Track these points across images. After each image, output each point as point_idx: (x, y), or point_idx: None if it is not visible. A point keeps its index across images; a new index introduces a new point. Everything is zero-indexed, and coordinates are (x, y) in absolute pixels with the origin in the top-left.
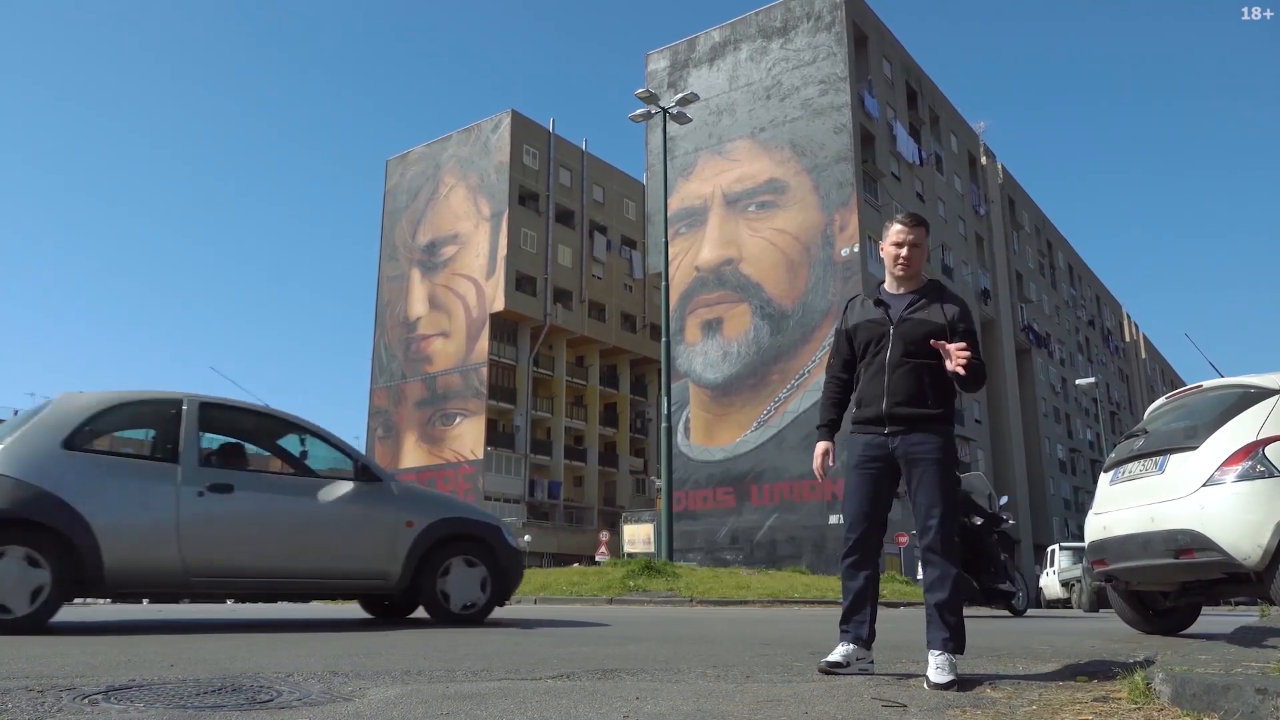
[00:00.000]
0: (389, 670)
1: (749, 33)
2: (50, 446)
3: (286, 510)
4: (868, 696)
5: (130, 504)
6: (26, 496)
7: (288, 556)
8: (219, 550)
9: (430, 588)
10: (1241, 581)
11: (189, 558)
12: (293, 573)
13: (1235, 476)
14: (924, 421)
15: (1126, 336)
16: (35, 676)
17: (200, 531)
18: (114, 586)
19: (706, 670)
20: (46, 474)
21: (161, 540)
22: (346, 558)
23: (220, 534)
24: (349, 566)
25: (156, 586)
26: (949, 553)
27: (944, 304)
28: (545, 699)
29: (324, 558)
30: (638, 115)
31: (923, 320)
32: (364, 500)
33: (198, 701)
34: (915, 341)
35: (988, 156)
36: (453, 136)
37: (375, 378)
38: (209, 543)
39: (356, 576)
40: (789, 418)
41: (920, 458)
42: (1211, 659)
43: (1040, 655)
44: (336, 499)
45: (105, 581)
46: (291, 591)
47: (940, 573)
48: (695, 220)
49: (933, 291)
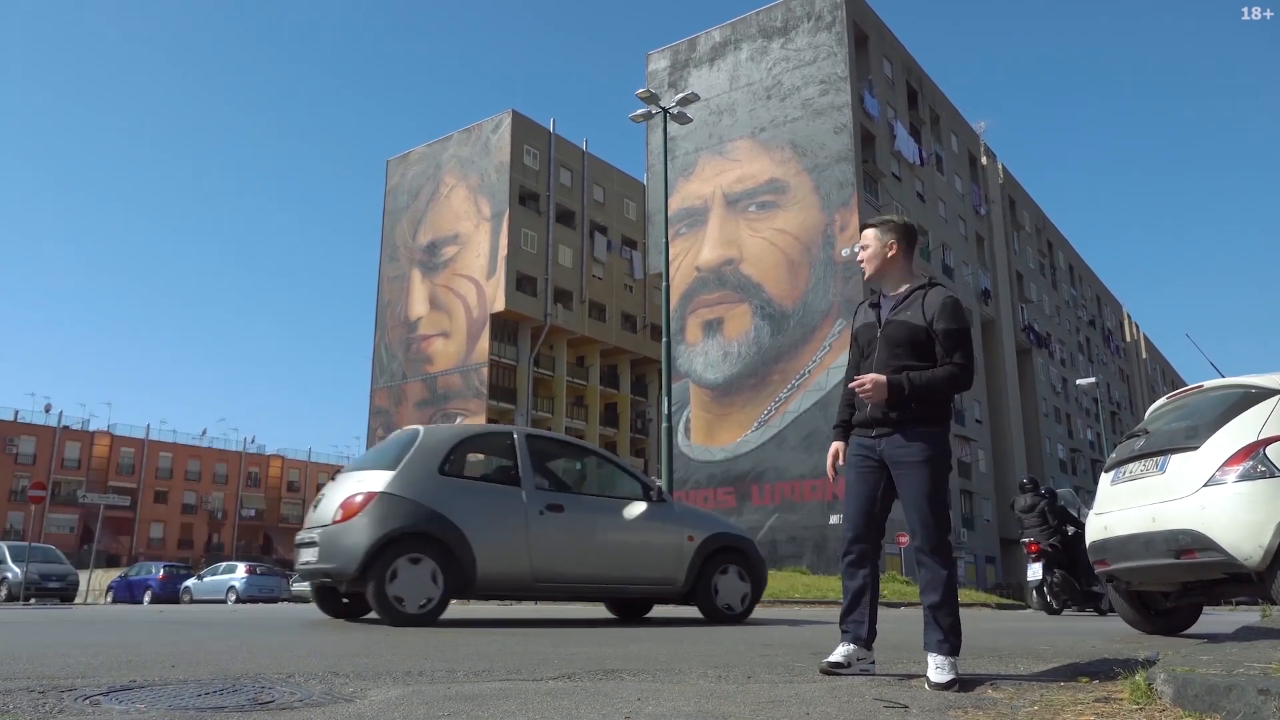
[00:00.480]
0: (390, 671)
1: (749, 32)
2: (430, 473)
3: (602, 526)
4: (869, 697)
5: (494, 521)
6: (424, 515)
7: (605, 565)
8: (556, 560)
9: (705, 591)
10: (1243, 582)
11: (536, 566)
12: (607, 579)
13: (1236, 476)
14: (907, 424)
15: (1127, 336)
16: (37, 677)
17: (543, 544)
18: (482, 590)
19: (708, 671)
20: (433, 497)
21: (517, 552)
22: (647, 566)
23: (556, 546)
24: (648, 574)
25: (511, 590)
26: (937, 554)
27: (925, 303)
28: (547, 700)
29: (631, 566)
30: (638, 115)
31: (904, 322)
32: (657, 518)
33: (199, 702)
34: (899, 344)
35: (988, 156)
36: (453, 136)
37: (376, 378)
38: (549, 554)
39: (653, 582)
40: (789, 418)
41: (902, 460)
42: (1213, 659)
43: (1042, 655)
44: (637, 517)
45: (477, 586)
46: (605, 595)
47: (931, 575)
48: (696, 220)
49: (919, 290)
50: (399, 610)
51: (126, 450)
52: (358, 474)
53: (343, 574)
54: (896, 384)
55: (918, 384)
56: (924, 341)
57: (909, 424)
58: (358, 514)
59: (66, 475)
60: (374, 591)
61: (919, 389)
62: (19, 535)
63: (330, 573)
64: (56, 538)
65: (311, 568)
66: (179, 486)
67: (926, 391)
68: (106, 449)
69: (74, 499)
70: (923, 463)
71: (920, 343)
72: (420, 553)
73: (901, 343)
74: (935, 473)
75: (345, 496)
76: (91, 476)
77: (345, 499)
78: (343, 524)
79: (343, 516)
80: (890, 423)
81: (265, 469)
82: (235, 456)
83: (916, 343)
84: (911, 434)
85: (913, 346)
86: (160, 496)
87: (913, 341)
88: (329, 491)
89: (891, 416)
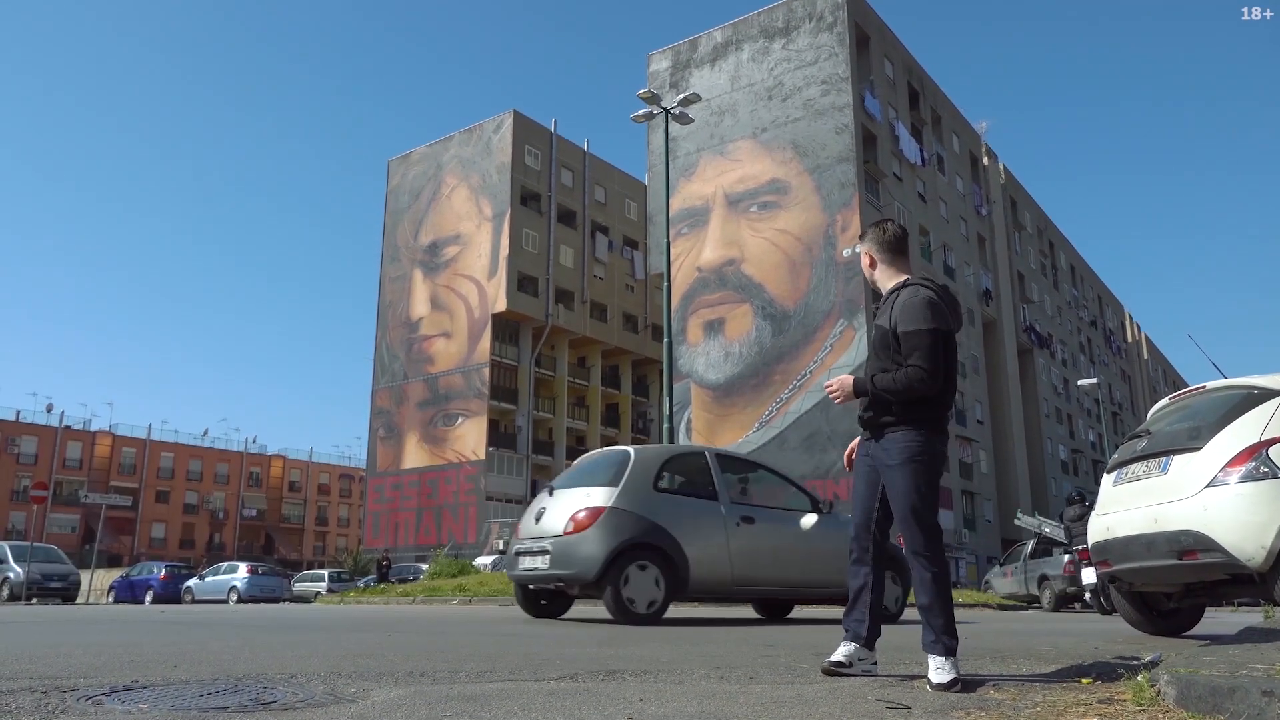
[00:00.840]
0: (392, 671)
1: (751, 33)
2: (647, 489)
3: (785, 535)
4: (872, 698)
5: (701, 532)
6: (647, 527)
7: (789, 570)
8: (751, 566)
9: None
10: (1245, 583)
11: (736, 572)
12: (790, 583)
13: (1239, 478)
14: (887, 427)
15: (1129, 337)
16: (39, 677)
17: (740, 552)
18: (693, 593)
19: (710, 671)
20: (653, 510)
21: (721, 559)
22: (822, 570)
23: (751, 554)
24: (822, 578)
25: (715, 593)
26: (924, 554)
27: (894, 305)
28: (549, 700)
29: (809, 571)
30: (639, 116)
31: (878, 325)
32: (825, 527)
33: (201, 703)
34: (877, 347)
35: (989, 157)
36: (454, 137)
37: (377, 378)
38: (745, 560)
39: (826, 586)
40: (791, 418)
41: (885, 463)
42: (1216, 661)
43: (1044, 656)
44: (811, 527)
45: (689, 589)
46: (788, 598)
47: (918, 576)
48: (697, 220)
49: (895, 292)
50: (631, 611)
51: (128, 450)
52: (577, 490)
53: (580, 579)
54: (860, 385)
55: (879, 386)
56: (894, 345)
57: (889, 427)
58: (590, 526)
59: (68, 475)
60: (611, 595)
61: (880, 390)
62: (21, 535)
63: (565, 578)
64: (58, 538)
65: (543, 573)
66: (180, 486)
67: (886, 393)
68: (108, 449)
69: (76, 499)
70: (902, 464)
71: (889, 346)
72: (646, 560)
73: (876, 345)
74: (916, 475)
75: (573, 511)
76: (93, 476)
77: (574, 513)
78: (576, 535)
79: (574, 529)
80: (874, 425)
81: (267, 469)
82: (237, 456)
83: (886, 346)
84: (892, 436)
85: (884, 350)
86: (162, 496)
87: (883, 345)
88: (549, 506)
89: (866, 417)
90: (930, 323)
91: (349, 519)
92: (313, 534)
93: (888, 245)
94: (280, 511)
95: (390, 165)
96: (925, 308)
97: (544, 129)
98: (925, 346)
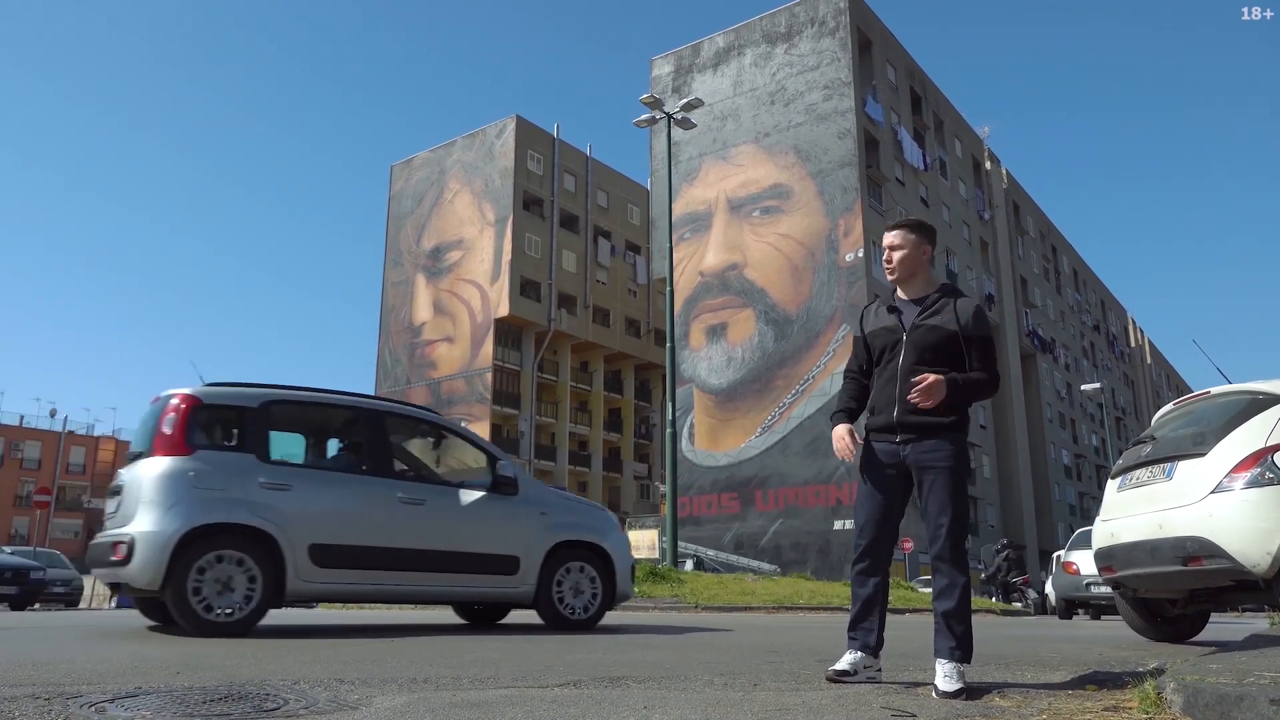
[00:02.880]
0: (395, 678)
1: (753, 38)
2: None
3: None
4: (877, 705)
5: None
6: None
7: None
8: None
9: None
10: (1250, 589)
11: None
12: None
13: (1244, 483)
14: (935, 429)
15: (1132, 341)
16: (42, 684)
17: None
18: None
19: (714, 678)
20: None
21: None
22: None
23: None
24: None
25: None
26: (957, 561)
27: (958, 309)
28: (553, 707)
29: None
30: (642, 120)
31: (935, 327)
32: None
33: (204, 709)
34: (929, 349)
35: (992, 161)
36: (457, 142)
37: (380, 382)
38: None
39: None
40: (793, 423)
41: (931, 465)
42: (1223, 668)
43: (1049, 663)
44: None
45: None
46: None
47: (948, 581)
48: (700, 225)
49: (946, 296)
50: None
51: None
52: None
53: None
54: (953, 383)
55: (966, 385)
56: (955, 348)
57: (937, 429)
58: None
59: (71, 480)
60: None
61: (965, 390)
62: (24, 540)
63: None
64: (61, 543)
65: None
66: None
67: (969, 394)
68: (111, 454)
69: (79, 504)
70: (951, 467)
71: (951, 349)
72: None
73: (931, 347)
74: (961, 478)
75: None
76: (96, 481)
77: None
78: None
79: None
80: (920, 427)
81: None
82: None
83: (947, 349)
84: (943, 438)
85: (943, 352)
86: None
87: (943, 347)
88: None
89: (913, 420)
90: (991, 331)
91: None
92: None
93: (934, 243)
94: None
95: (393, 170)
96: (985, 316)
97: (547, 134)
98: (994, 354)
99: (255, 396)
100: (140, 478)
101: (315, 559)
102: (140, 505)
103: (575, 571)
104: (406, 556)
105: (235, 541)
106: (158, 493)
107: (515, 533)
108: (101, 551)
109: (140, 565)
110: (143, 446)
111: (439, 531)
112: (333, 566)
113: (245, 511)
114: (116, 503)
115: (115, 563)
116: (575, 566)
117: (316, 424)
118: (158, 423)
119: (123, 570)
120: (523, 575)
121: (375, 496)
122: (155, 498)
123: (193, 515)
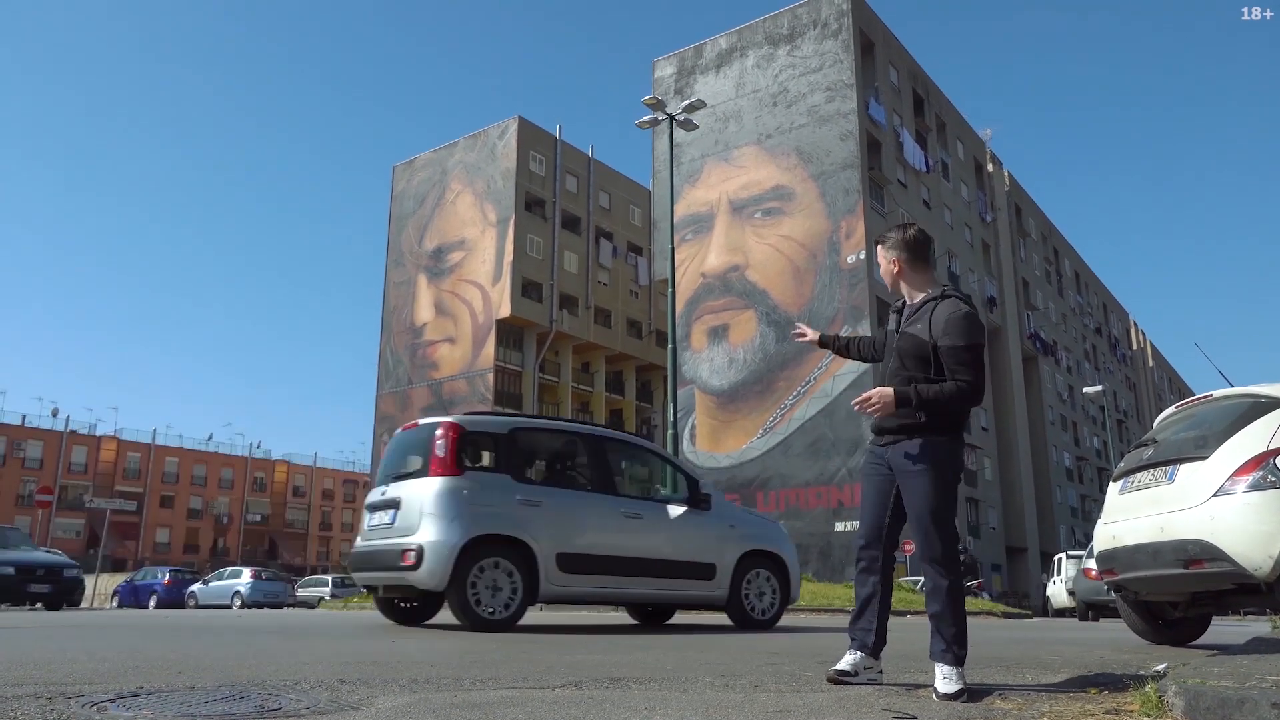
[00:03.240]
0: (397, 678)
1: (756, 39)
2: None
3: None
4: (877, 707)
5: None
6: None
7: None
8: None
9: None
10: (1252, 592)
11: None
12: None
13: (1246, 487)
14: (911, 431)
15: (1134, 344)
16: (44, 683)
17: None
18: None
19: (715, 679)
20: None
21: None
22: None
23: None
24: None
25: None
26: (940, 562)
27: (933, 316)
28: (554, 708)
29: None
30: (644, 122)
31: (913, 335)
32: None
33: (206, 709)
34: (908, 355)
35: (994, 163)
36: (459, 143)
37: (381, 383)
38: None
39: None
40: (795, 424)
41: (906, 468)
42: (1224, 671)
43: (1050, 665)
44: None
45: None
46: None
47: (933, 584)
48: (701, 226)
49: (930, 302)
50: None
51: (133, 455)
52: None
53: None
54: (904, 396)
55: (925, 397)
56: (931, 356)
57: (913, 431)
58: None
59: (73, 480)
60: None
61: (926, 403)
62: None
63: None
64: (63, 542)
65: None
66: (185, 491)
67: (933, 405)
68: (113, 453)
69: (80, 503)
70: (924, 470)
71: (927, 358)
72: None
73: (910, 354)
74: (938, 481)
75: None
76: (98, 481)
77: None
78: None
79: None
80: (896, 430)
81: (271, 474)
82: (241, 461)
83: (923, 357)
84: (915, 442)
85: (920, 360)
86: (166, 501)
87: (919, 355)
88: None
89: (890, 423)
90: (976, 338)
91: (353, 524)
92: (316, 539)
93: (912, 249)
94: (284, 517)
95: (395, 171)
96: (969, 323)
97: (549, 135)
98: (970, 362)
99: (504, 424)
100: (421, 494)
101: (562, 565)
102: (424, 518)
103: (758, 578)
104: (631, 564)
105: (502, 550)
106: (440, 507)
107: (712, 543)
108: (388, 558)
109: (429, 570)
110: (407, 467)
111: (655, 542)
112: (576, 572)
113: (509, 524)
114: (392, 514)
115: (404, 567)
116: (758, 573)
117: (550, 447)
118: (429, 446)
119: (411, 574)
120: (718, 580)
121: (605, 511)
122: (438, 511)
123: (471, 527)
